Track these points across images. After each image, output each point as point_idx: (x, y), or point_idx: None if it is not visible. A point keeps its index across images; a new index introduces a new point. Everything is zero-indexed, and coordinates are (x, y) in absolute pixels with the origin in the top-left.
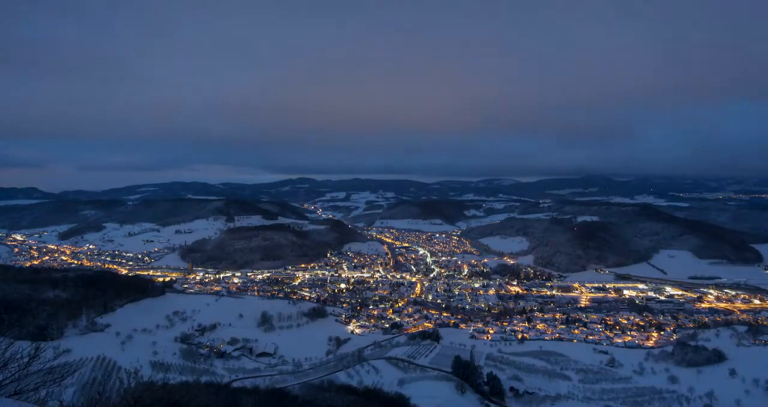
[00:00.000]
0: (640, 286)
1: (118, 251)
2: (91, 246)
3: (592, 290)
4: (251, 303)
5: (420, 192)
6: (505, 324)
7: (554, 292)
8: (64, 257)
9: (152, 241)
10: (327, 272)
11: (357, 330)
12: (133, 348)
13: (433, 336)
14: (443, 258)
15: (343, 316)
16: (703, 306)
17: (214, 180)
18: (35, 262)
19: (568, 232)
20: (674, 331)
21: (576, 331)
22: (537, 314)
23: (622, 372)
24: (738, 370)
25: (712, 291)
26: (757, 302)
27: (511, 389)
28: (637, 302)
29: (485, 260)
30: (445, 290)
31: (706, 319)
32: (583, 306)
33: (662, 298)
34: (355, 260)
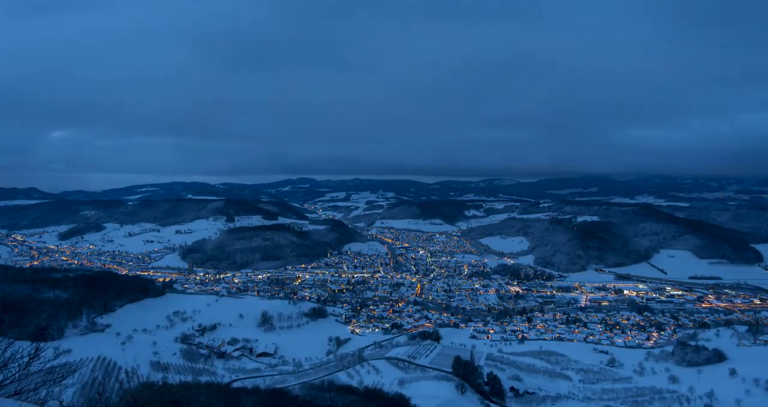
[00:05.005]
0: (641, 286)
1: (119, 251)
2: (91, 246)
3: (593, 290)
4: (251, 303)
5: (420, 192)
6: (505, 324)
7: (554, 292)
8: (64, 258)
9: (152, 241)
10: (327, 273)
11: (357, 330)
12: (133, 348)
13: (433, 336)
14: (443, 258)
15: (344, 316)
16: (703, 305)
17: (214, 180)
18: (35, 262)
19: (568, 232)
20: (674, 331)
21: (576, 331)
22: (537, 314)
23: (623, 372)
24: (738, 370)
25: (712, 291)
26: (757, 302)
27: (512, 389)
28: (637, 302)
29: (485, 260)
30: (445, 291)
31: (707, 319)
32: (583, 306)
33: (662, 298)
34: (356, 261)
